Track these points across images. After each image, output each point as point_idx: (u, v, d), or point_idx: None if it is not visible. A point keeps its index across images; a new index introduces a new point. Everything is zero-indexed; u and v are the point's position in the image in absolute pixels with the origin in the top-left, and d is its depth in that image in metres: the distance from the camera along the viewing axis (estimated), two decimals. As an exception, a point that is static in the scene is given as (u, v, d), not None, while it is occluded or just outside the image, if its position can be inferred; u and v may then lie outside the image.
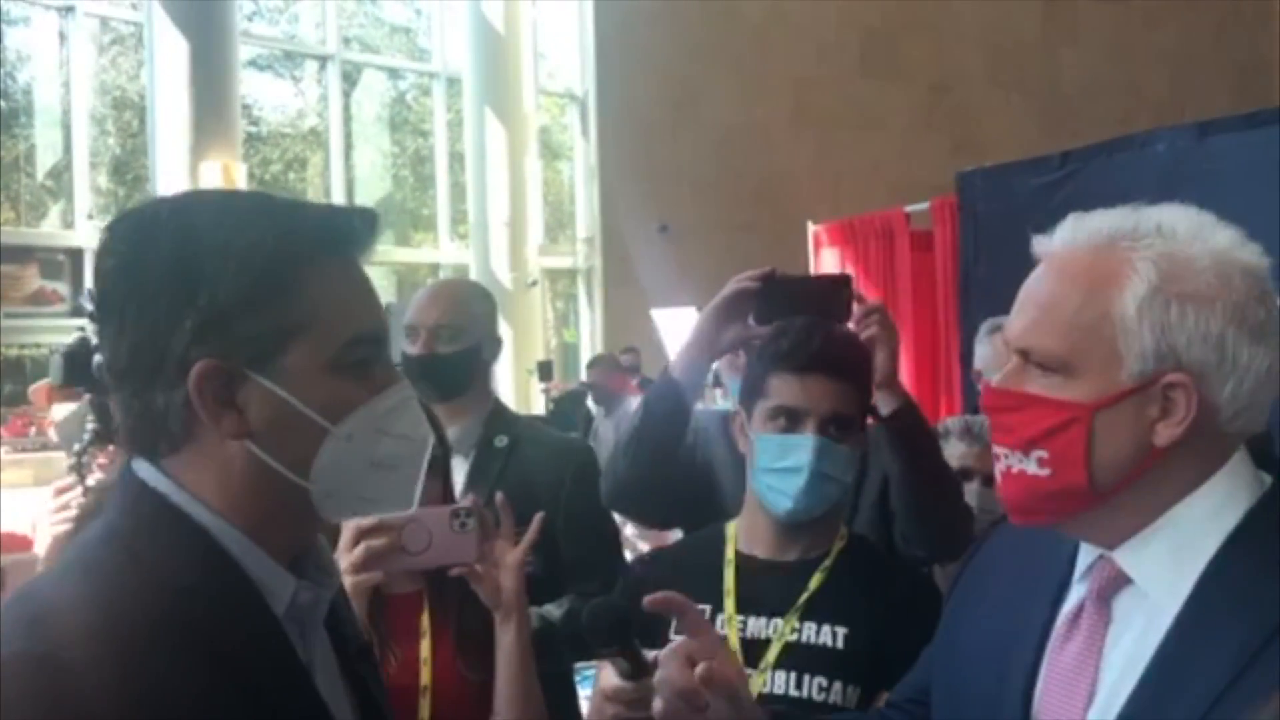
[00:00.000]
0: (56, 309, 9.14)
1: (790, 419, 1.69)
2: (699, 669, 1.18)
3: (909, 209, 6.17)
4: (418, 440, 1.05)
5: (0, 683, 0.82)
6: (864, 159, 10.49)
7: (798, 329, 1.81)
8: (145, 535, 0.94)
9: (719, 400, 5.16)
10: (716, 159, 10.09)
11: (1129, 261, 1.05)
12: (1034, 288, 1.11)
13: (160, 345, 0.93)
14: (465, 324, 2.44)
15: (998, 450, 1.13)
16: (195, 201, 1.03)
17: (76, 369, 2.29)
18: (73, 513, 2.12)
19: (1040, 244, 1.13)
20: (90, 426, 2.24)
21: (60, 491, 2.17)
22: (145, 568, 0.92)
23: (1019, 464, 1.09)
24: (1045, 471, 1.07)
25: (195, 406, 0.93)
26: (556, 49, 12.07)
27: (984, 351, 3.44)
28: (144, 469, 0.97)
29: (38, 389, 4.28)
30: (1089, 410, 1.05)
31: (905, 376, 6.08)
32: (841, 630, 1.66)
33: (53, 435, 2.57)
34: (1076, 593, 1.14)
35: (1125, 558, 1.09)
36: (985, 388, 1.15)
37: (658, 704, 1.21)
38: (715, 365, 3.76)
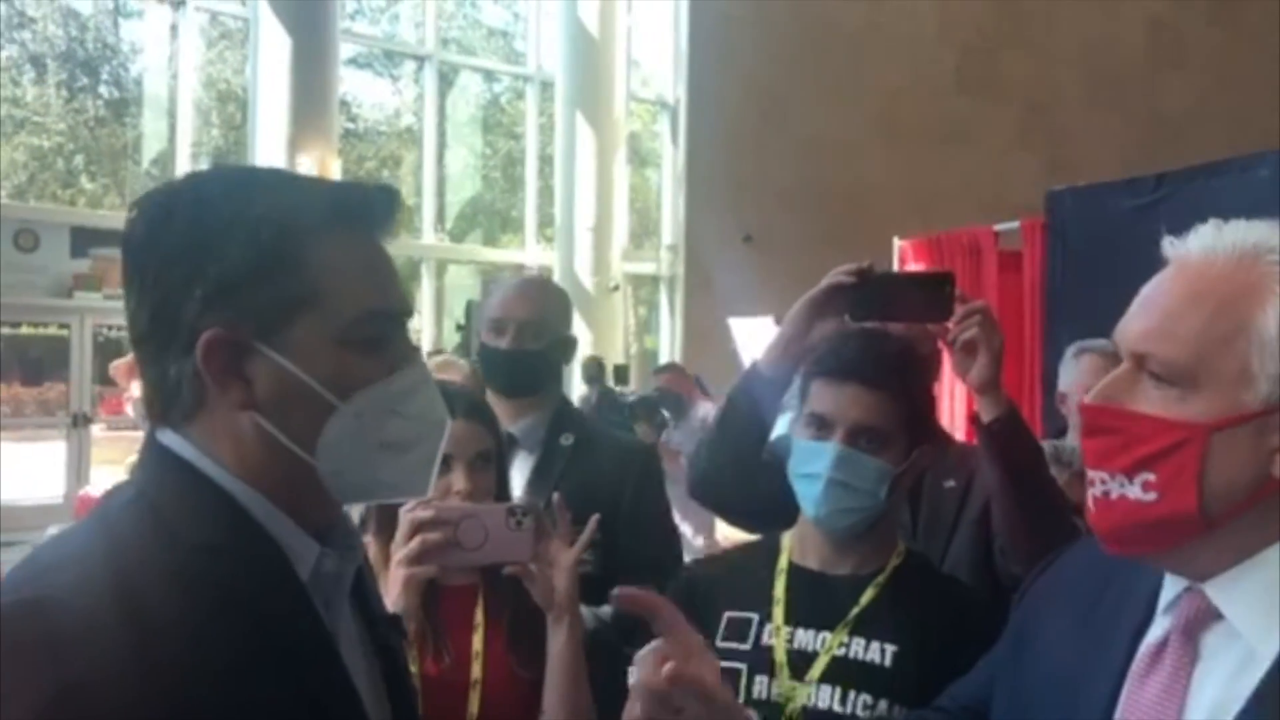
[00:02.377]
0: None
1: (820, 426, 1.66)
2: (665, 669, 1.14)
3: (998, 228, 6.05)
4: (433, 423, 1.03)
5: (0, 626, 0.83)
6: (954, 175, 10.33)
7: (837, 336, 1.77)
8: (169, 497, 0.95)
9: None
10: (803, 170, 10.03)
11: (1275, 277, 0.99)
12: (1160, 291, 1.04)
13: (173, 315, 0.94)
14: (551, 322, 2.46)
15: (1093, 475, 1.05)
16: (212, 176, 1.04)
17: None
18: None
19: (1172, 246, 1.06)
20: None
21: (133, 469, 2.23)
22: (166, 525, 0.93)
23: (1120, 489, 1.02)
24: (1151, 496, 1.00)
25: (203, 376, 0.94)
26: (650, 56, 12.12)
27: (1069, 372, 3.35)
28: (167, 436, 0.98)
29: (118, 366, 4.39)
30: (1206, 431, 0.98)
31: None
32: (891, 648, 1.63)
33: (130, 412, 2.64)
34: (1160, 625, 1.07)
35: (1218, 592, 1.02)
36: (1084, 406, 1.06)
37: (634, 706, 1.18)
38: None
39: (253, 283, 0.94)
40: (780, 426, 2.08)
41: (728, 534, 3.96)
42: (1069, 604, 1.18)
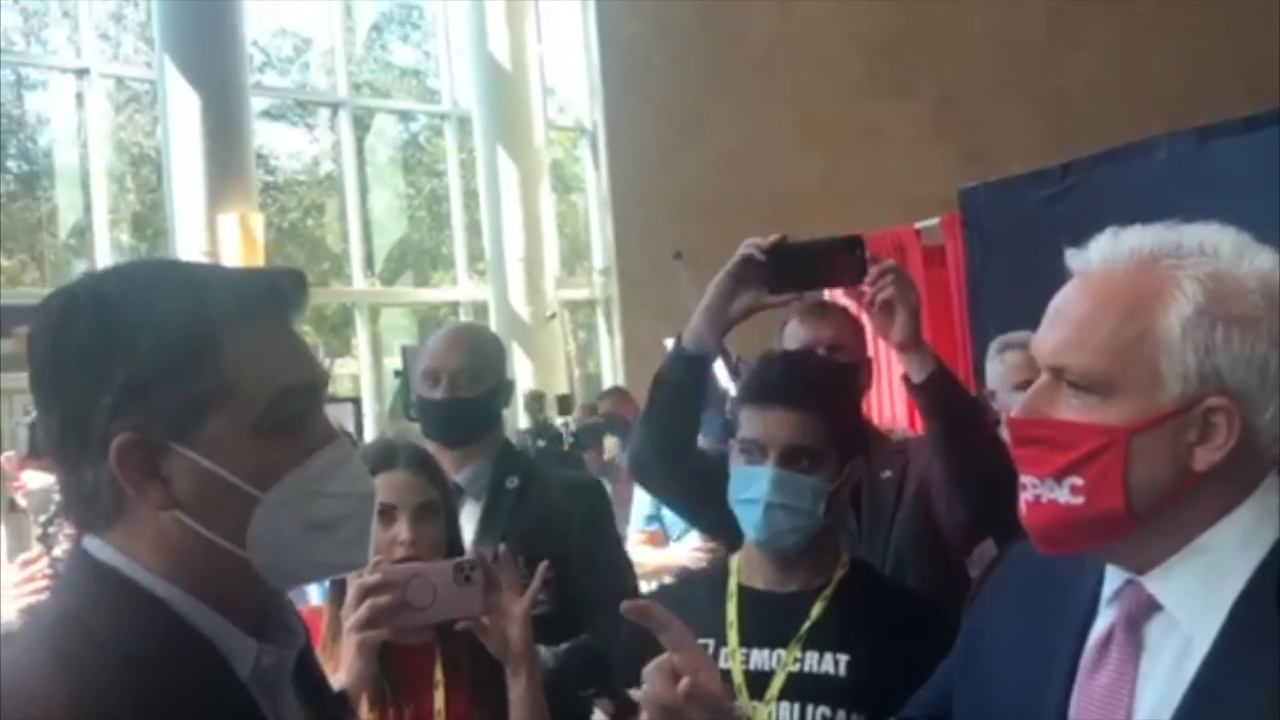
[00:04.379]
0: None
1: (753, 451, 1.70)
2: (682, 684, 1.17)
3: (920, 225, 6.16)
4: (359, 496, 1.03)
5: None
6: (873, 175, 10.48)
7: (763, 361, 1.82)
8: (99, 609, 0.94)
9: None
10: (725, 182, 10.13)
11: (1174, 280, 1.02)
12: (1069, 304, 1.08)
13: (83, 422, 0.93)
14: (485, 368, 2.47)
15: (1024, 480, 1.08)
16: (112, 277, 1.03)
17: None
18: (40, 584, 2.13)
19: (1074, 258, 1.10)
20: (56, 498, 2.27)
21: (26, 564, 2.18)
22: (100, 641, 0.91)
23: (1049, 493, 1.05)
24: (1079, 499, 1.04)
25: (119, 481, 0.93)
26: (565, 83, 12.17)
27: (995, 370, 3.41)
28: (92, 544, 0.97)
29: (9, 457, 4.33)
30: (1127, 433, 1.01)
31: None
32: (844, 658, 1.67)
33: (22, 503, 2.61)
34: (1105, 618, 1.11)
35: (1156, 584, 1.06)
36: (1010, 421, 1.11)
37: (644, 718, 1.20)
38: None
39: (162, 383, 0.93)
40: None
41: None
42: (1016, 604, 1.22)
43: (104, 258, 9.75)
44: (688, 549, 3.56)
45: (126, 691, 0.89)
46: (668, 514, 3.83)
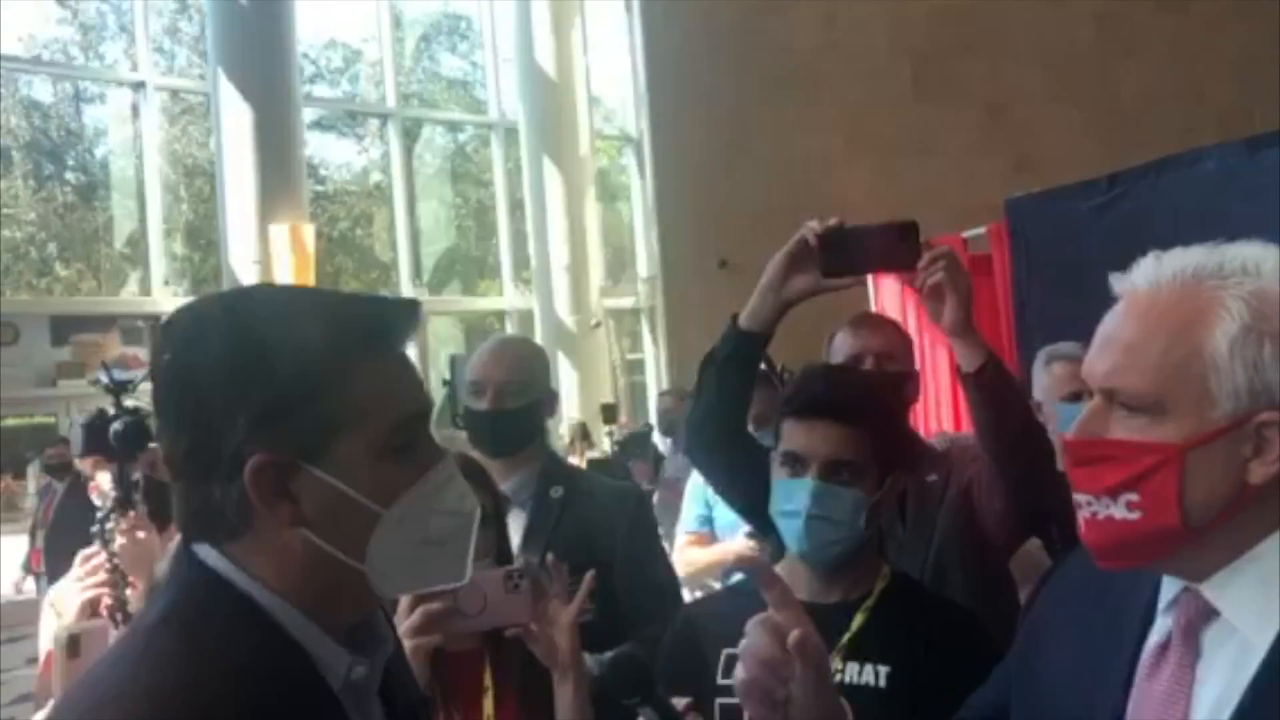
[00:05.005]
0: (139, 384, 9.41)
1: (795, 464, 1.72)
2: (793, 635, 1.18)
3: (967, 234, 6.11)
4: (465, 514, 1.07)
5: None
6: (921, 184, 10.42)
7: (806, 374, 1.83)
8: (203, 616, 0.98)
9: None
10: (772, 192, 10.12)
11: (1219, 300, 1.05)
12: (1117, 327, 1.11)
13: (216, 442, 0.97)
14: (529, 380, 2.50)
15: (1079, 498, 1.11)
16: (246, 300, 1.07)
17: (95, 438, 2.41)
18: (100, 578, 2.21)
19: (1119, 282, 1.12)
20: (112, 494, 2.34)
21: (86, 559, 2.26)
22: (203, 649, 0.95)
23: (1105, 510, 1.08)
24: (1135, 515, 1.06)
25: (251, 499, 0.97)
26: (611, 92, 12.25)
27: (1041, 380, 3.39)
28: (204, 551, 1.01)
29: (85, 460, 4.46)
30: (1181, 451, 1.04)
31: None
32: (884, 669, 1.67)
33: (97, 501, 2.71)
34: (1162, 625, 1.13)
35: (1213, 591, 1.08)
36: (1068, 442, 1.12)
37: (739, 672, 1.20)
38: None
39: (297, 408, 0.98)
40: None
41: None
42: (1073, 612, 1.24)
43: (158, 267, 9.94)
44: (740, 539, 3.53)
45: (224, 698, 0.92)
46: (719, 517, 3.85)
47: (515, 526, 2.40)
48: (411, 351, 1.15)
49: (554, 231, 10.81)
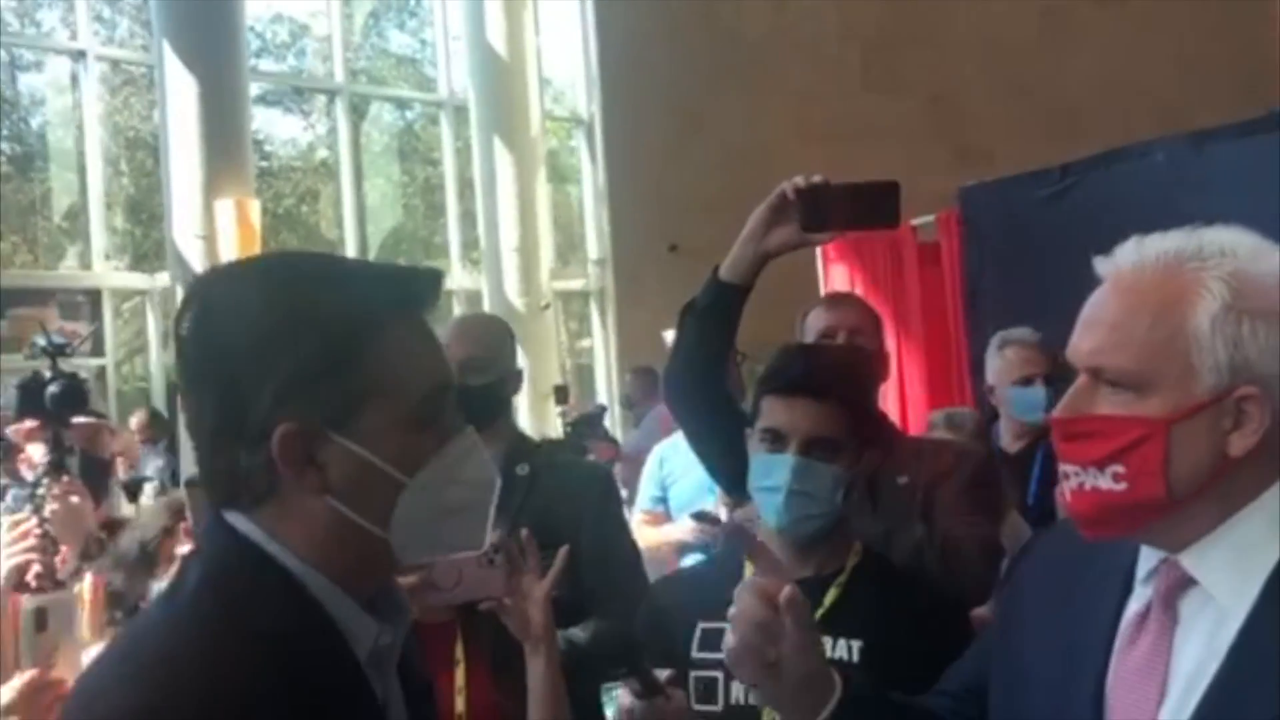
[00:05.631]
0: (77, 349, 9.22)
1: (775, 440, 1.75)
2: (785, 591, 1.21)
3: (915, 222, 6.19)
4: (485, 483, 1.09)
5: None
6: (868, 171, 10.41)
7: (785, 351, 1.86)
8: (239, 582, 0.99)
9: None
10: (723, 177, 10.14)
11: (1200, 280, 1.10)
12: (1101, 308, 1.16)
13: (244, 408, 0.97)
14: (492, 357, 2.51)
15: (1067, 469, 1.16)
16: (268, 269, 1.07)
17: (30, 399, 2.38)
18: (29, 543, 2.19)
19: (1102, 264, 1.17)
20: (46, 459, 2.31)
21: (16, 524, 2.24)
22: (238, 614, 0.96)
23: (1092, 480, 1.12)
24: (1121, 486, 1.11)
25: (278, 466, 0.98)
26: (561, 73, 12.18)
27: (994, 365, 3.47)
28: (236, 518, 1.01)
29: (18, 430, 4.36)
30: (1165, 424, 1.09)
31: (918, 389, 6.13)
32: (857, 644, 1.71)
33: (28, 476, 2.68)
34: (1141, 595, 1.18)
35: (1191, 561, 1.13)
36: (1055, 420, 1.17)
37: (729, 639, 1.23)
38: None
39: (325, 377, 0.98)
40: None
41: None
42: (1051, 585, 1.29)
43: (99, 241, 9.74)
44: (686, 524, 3.62)
45: (260, 665, 0.93)
46: (673, 497, 3.90)
47: (481, 503, 2.42)
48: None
49: (504, 212, 10.74)
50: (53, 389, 2.40)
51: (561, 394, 7.45)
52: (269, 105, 11.94)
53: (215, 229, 8.77)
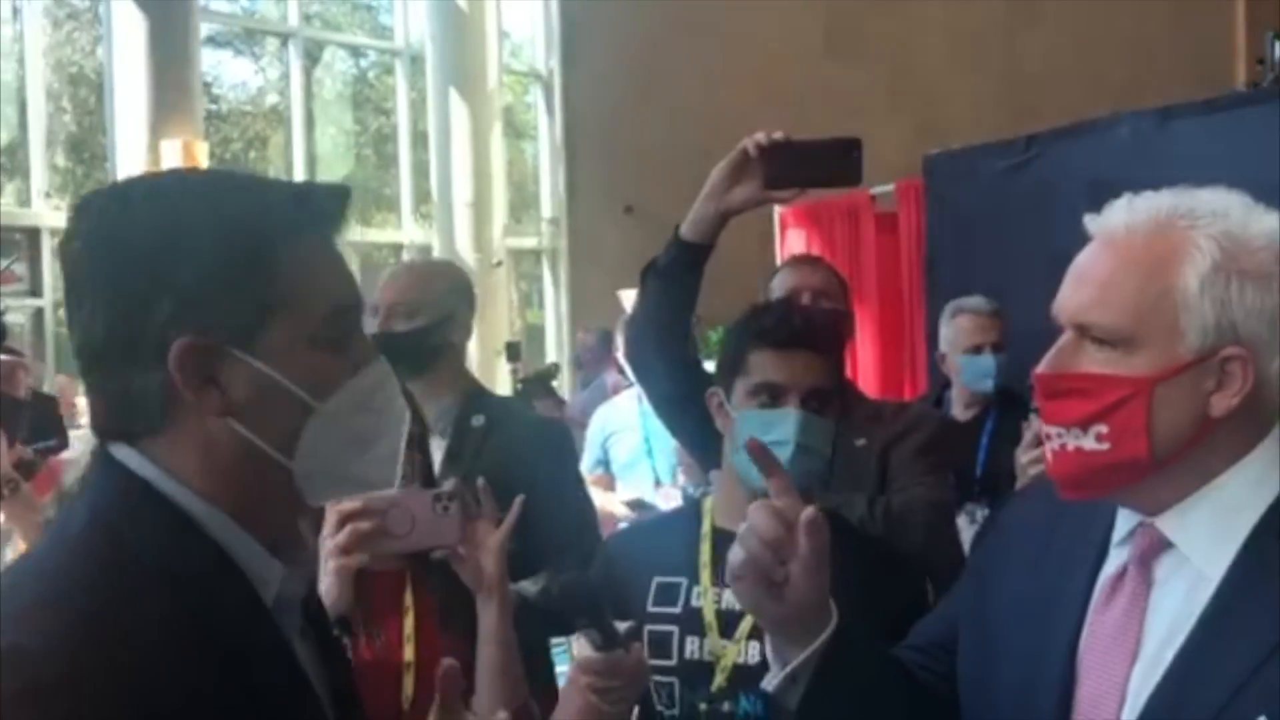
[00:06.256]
0: (14, 288, 9.00)
1: (772, 394, 1.72)
2: (808, 511, 1.18)
3: (874, 191, 6.21)
4: (395, 416, 1.04)
5: None
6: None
7: (777, 306, 1.84)
8: (129, 519, 0.92)
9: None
10: (681, 138, 10.08)
11: (1191, 239, 1.09)
12: (1091, 265, 1.14)
13: (136, 325, 0.92)
14: (423, 301, 2.46)
15: (1049, 430, 1.15)
16: (165, 181, 1.01)
17: None
18: None
19: (1092, 222, 1.16)
20: None
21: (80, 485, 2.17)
22: (130, 552, 0.90)
23: (1075, 441, 1.12)
24: (1104, 446, 1.10)
25: (176, 385, 0.92)
26: (521, 27, 12.00)
27: (947, 332, 3.49)
28: (124, 453, 0.95)
29: None
30: (1150, 383, 1.09)
31: (871, 358, 6.16)
32: None
33: None
34: (1117, 557, 1.18)
35: (1168, 524, 1.13)
36: (1038, 376, 1.16)
37: (736, 554, 1.19)
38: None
39: (224, 290, 0.92)
40: None
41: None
42: (1025, 547, 1.28)
43: (39, 179, 9.48)
44: (618, 503, 3.75)
45: (163, 610, 0.88)
46: (614, 458, 3.93)
47: (435, 453, 2.37)
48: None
49: (458, 166, 10.59)
50: None
51: (513, 350, 7.37)
52: (219, 46, 11.63)
53: (161, 169, 8.56)
